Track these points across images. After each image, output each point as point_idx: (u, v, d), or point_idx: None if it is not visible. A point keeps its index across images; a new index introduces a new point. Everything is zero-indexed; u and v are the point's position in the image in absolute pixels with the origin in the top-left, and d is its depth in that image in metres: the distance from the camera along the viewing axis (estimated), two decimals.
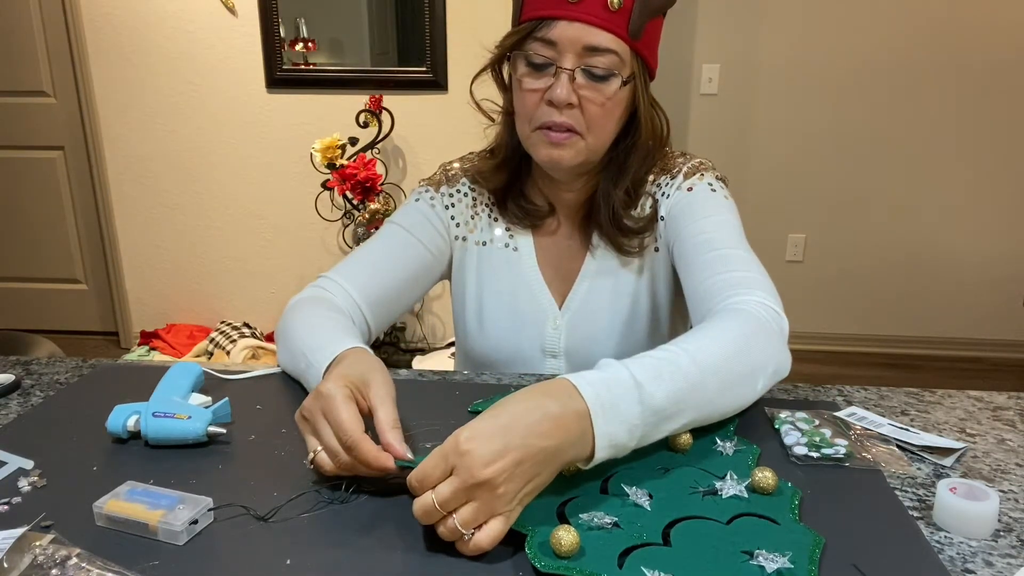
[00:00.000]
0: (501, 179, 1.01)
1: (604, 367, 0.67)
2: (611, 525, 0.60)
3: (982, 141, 3.01)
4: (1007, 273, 3.14)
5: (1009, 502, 0.66)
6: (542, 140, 0.91)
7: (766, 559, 0.56)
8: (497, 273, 1.04)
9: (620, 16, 0.85)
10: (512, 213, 1.02)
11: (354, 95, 2.83)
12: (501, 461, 0.56)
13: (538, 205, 1.02)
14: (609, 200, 0.96)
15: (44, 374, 0.92)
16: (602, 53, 0.86)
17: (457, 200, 1.05)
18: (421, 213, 1.04)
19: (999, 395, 0.90)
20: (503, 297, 1.03)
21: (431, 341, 3.12)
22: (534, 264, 1.03)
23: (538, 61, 0.88)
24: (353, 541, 0.60)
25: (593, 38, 0.85)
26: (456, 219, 1.05)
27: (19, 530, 0.58)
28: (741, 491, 0.65)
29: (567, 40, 0.85)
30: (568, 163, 0.91)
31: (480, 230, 1.05)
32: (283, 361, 0.92)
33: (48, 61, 2.98)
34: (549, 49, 0.87)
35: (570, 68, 0.86)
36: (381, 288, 0.98)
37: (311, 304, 0.91)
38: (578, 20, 0.85)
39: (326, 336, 0.82)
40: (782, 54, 3.00)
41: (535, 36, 0.87)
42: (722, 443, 0.74)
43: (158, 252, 3.15)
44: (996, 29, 2.88)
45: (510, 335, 1.02)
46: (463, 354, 1.10)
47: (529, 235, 1.04)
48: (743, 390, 0.74)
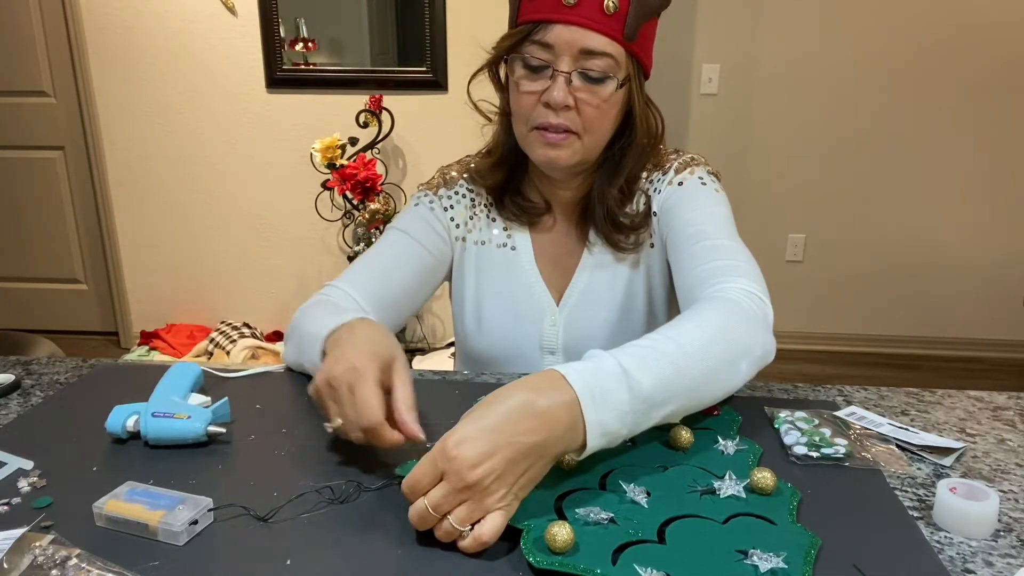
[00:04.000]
0: (498, 177, 1.03)
1: (591, 357, 0.67)
2: (607, 521, 0.60)
3: (982, 141, 3.01)
4: (1007, 273, 3.14)
5: (1009, 502, 0.66)
6: (539, 140, 0.92)
7: (760, 559, 0.56)
8: (495, 272, 1.05)
9: (616, 19, 0.86)
10: (509, 211, 1.04)
11: (354, 95, 2.83)
12: (489, 461, 0.57)
13: (534, 202, 1.03)
14: (604, 198, 0.98)
15: (44, 374, 0.92)
16: (598, 56, 0.87)
17: (456, 202, 1.06)
18: (422, 217, 1.05)
19: (999, 395, 0.90)
20: (501, 296, 1.04)
21: (431, 341, 3.12)
22: (532, 262, 1.04)
23: (535, 64, 0.89)
24: (353, 541, 0.60)
25: (589, 41, 0.86)
26: (456, 220, 1.06)
27: (19, 530, 0.58)
28: (739, 491, 0.65)
29: (563, 43, 0.86)
30: (565, 163, 0.93)
31: (479, 230, 1.06)
32: (290, 356, 0.93)
33: (48, 61, 2.98)
34: (546, 52, 0.88)
35: (567, 71, 0.87)
36: (387, 293, 0.99)
37: (319, 307, 0.93)
38: (574, 24, 0.86)
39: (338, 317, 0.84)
40: (782, 54, 3.00)
41: (532, 39, 0.88)
42: (724, 442, 0.74)
43: (158, 252, 3.15)
44: (997, 29, 2.88)
45: (508, 333, 1.03)
46: (463, 354, 1.11)
47: (526, 233, 1.05)
48: (729, 374, 0.73)
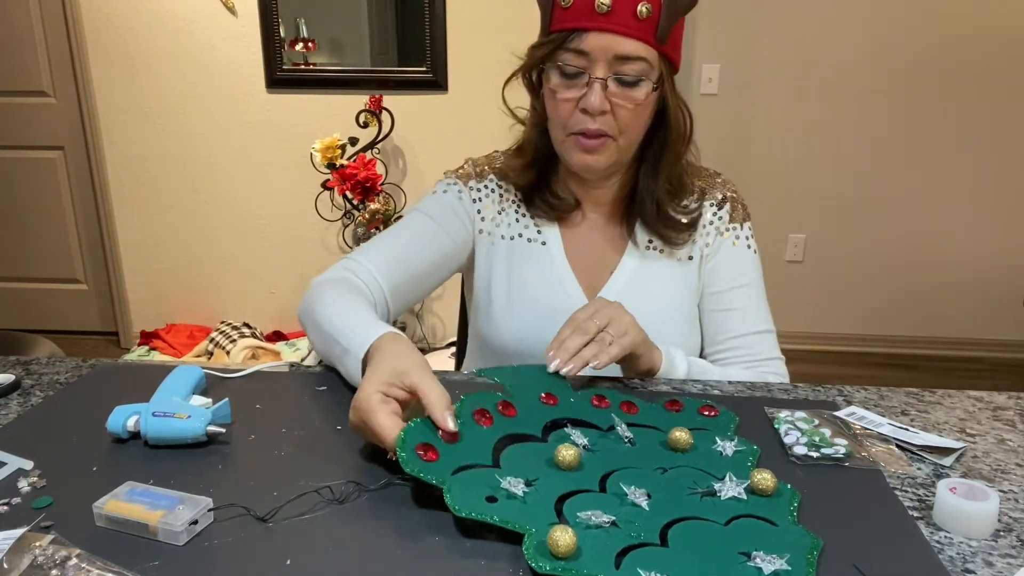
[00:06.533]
0: (530, 177, 1.04)
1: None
2: (609, 524, 0.60)
3: (982, 141, 3.01)
4: (1007, 273, 3.14)
5: (1009, 502, 0.66)
6: (576, 146, 0.94)
7: (764, 560, 0.55)
8: (528, 266, 1.05)
9: (648, 24, 0.88)
10: (539, 208, 1.05)
11: (354, 95, 2.83)
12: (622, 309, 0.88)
13: (564, 199, 1.05)
14: (652, 194, 1.00)
15: (44, 374, 0.92)
16: (633, 61, 0.89)
17: (484, 195, 1.08)
18: (448, 204, 1.06)
19: (999, 395, 0.90)
20: (532, 289, 1.05)
21: (431, 341, 3.12)
22: (563, 257, 1.05)
23: (570, 71, 0.91)
24: (353, 541, 0.60)
25: (624, 47, 0.88)
26: (482, 213, 1.07)
27: (19, 530, 0.58)
28: (740, 493, 0.65)
29: (599, 50, 0.88)
30: (602, 167, 0.96)
31: (508, 225, 1.07)
32: (315, 343, 0.93)
33: (48, 61, 2.98)
34: (581, 59, 0.90)
35: (602, 77, 0.89)
36: (405, 274, 1.01)
37: (337, 286, 0.94)
38: (608, 31, 0.88)
39: (357, 321, 0.84)
40: (782, 54, 3.00)
41: (567, 47, 0.90)
42: (722, 443, 0.74)
43: (158, 252, 3.15)
44: (997, 29, 2.88)
45: (540, 326, 1.03)
46: (483, 347, 1.11)
47: (556, 228, 1.06)
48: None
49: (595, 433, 0.75)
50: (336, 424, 0.79)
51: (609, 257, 1.05)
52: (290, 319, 3.16)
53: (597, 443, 0.73)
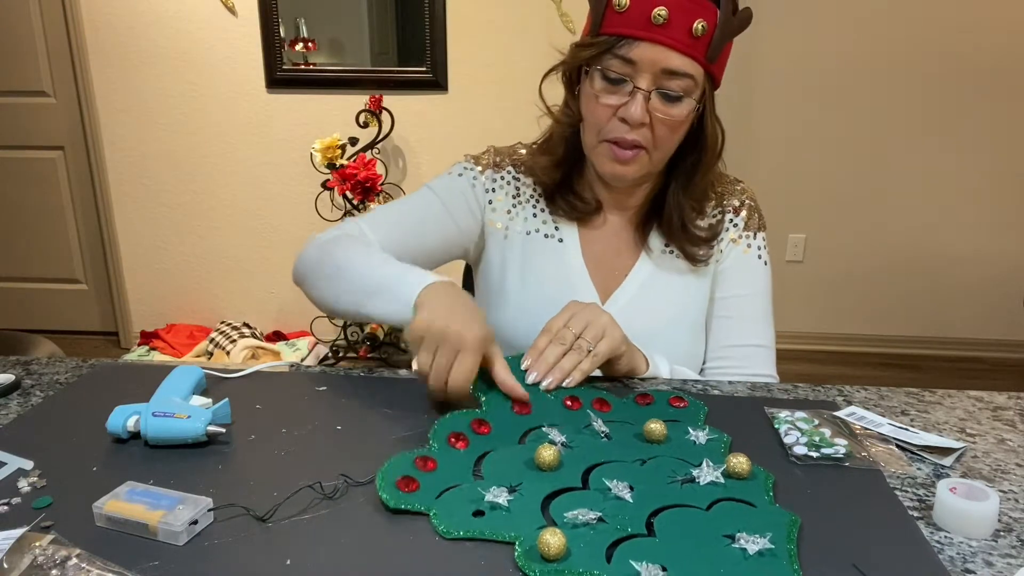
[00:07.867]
0: (555, 177, 1.03)
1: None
2: (595, 520, 0.60)
3: (982, 141, 3.01)
4: (1007, 273, 3.14)
5: (1009, 502, 0.66)
6: (608, 154, 0.93)
7: (747, 541, 0.57)
8: (543, 261, 1.04)
9: (701, 42, 0.87)
10: (559, 207, 1.04)
11: (354, 95, 2.83)
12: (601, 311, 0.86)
13: (587, 201, 1.03)
14: (681, 209, 0.99)
15: (44, 374, 0.92)
16: (680, 77, 0.88)
17: (499, 187, 1.06)
18: (459, 189, 1.05)
19: (999, 395, 0.89)
20: (545, 285, 1.03)
21: None
22: (579, 256, 1.04)
23: (614, 77, 0.89)
24: (353, 541, 0.60)
25: (672, 62, 0.87)
26: (493, 204, 1.05)
27: (19, 530, 0.58)
28: (718, 477, 0.67)
29: (647, 61, 0.87)
30: (631, 177, 0.94)
31: (524, 219, 1.05)
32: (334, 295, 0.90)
33: (48, 61, 2.98)
34: (627, 67, 0.88)
35: (646, 89, 0.88)
36: (402, 247, 0.99)
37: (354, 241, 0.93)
38: (660, 43, 0.86)
39: (399, 266, 0.87)
40: (782, 54, 2.99)
41: (615, 52, 0.88)
42: (694, 432, 0.75)
43: (158, 252, 3.15)
44: (998, 29, 2.88)
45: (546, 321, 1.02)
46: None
47: (574, 227, 1.05)
48: None
49: (571, 429, 0.76)
50: (336, 424, 0.79)
51: (625, 260, 1.04)
52: (290, 319, 3.16)
53: (575, 439, 0.74)
